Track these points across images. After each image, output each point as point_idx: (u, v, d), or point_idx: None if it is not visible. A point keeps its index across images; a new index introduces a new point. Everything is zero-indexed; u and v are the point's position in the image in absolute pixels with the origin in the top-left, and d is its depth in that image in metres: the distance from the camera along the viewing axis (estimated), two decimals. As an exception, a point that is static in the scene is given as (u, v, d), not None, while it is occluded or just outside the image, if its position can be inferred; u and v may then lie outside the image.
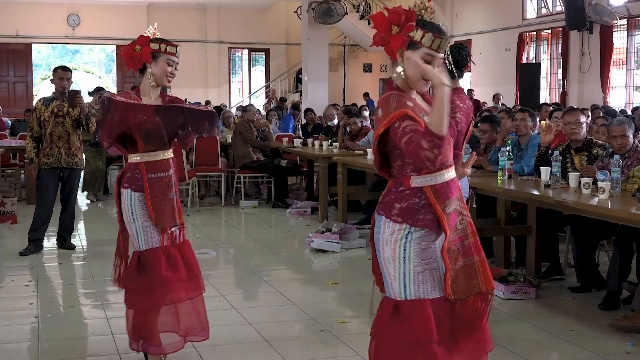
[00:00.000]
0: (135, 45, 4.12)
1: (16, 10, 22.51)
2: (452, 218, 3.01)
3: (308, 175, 11.13)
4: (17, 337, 4.91)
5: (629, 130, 5.74)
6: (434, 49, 2.94)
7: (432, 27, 2.95)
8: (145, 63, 4.11)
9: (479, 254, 3.05)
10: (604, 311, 5.31)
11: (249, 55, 25.98)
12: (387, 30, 2.98)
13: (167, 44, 4.14)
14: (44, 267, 6.89)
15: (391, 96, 2.97)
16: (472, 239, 3.06)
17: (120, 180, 4.13)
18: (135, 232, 4.10)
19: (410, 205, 2.98)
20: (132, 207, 4.08)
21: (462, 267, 3.01)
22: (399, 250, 2.98)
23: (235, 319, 5.21)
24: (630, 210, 4.71)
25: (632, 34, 16.91)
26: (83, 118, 7.22)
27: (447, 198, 2.99)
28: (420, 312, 2.96)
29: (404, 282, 2.99)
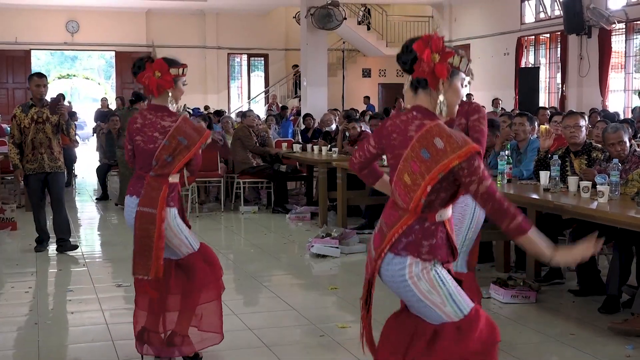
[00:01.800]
0: (155, 71, 4.19)
1: (15, 17, 22.53)
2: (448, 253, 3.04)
3: (307, 181, 11.13)
4: (17, 343, 4.91)
5: (625, 136, 5.74)
6: (468, 74, 2.97)
7: (461, 51, 2.97)
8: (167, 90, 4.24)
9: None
10: (604, 315, 5.31)
11: (248, 60, 26.00)
12: (429, 59, 2.92)
13: (183, 67, 4.30)
14: (43, 274, 6.89)
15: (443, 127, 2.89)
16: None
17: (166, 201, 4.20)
18: (185, 238, 4.31)
19: (438, 241, 2.93)
20: (176, 220, 4.27)
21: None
22: (435, 278, 2.92)
23: (236, 324, 5.20)
24: (630, 214, 4.71)
25: (630, 38, 16.93)
26: (63, 123, 7.42)
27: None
28: (483, 316, 2.97)
29: (453, 301, 2.93)
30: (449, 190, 2.92)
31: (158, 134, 4.17)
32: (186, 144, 4.15)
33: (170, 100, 4.25)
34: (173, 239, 4.24)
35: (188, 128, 4.18)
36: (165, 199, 4.16)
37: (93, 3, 22.27)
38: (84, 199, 12.25)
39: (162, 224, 4.14)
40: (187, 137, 4.15)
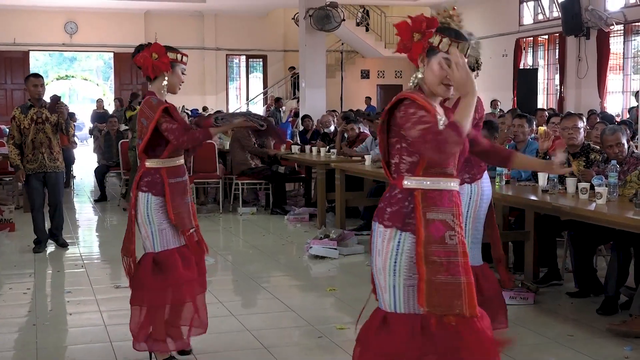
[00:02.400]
0: (152, 53, 4.21)
1: (14, 18, 22.53)
2: (437, 227, 2.88)
3: (306, 182, 11.13)
4: (15, 345, 4.90)
5: (623, 138, 5.75)
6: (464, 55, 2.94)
7: (449, 32, 2.95)
8: (163, 72, 4.21)
9: (466, 276, 2.88)
10: (602, 316, 5.31)
11: (247, 61, 26.00)
12: (409, 38, 2.99)
13: (182, 54, 4.30)
14: (41, 275, 6.88)
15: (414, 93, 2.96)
16: (461, 258, 2.90)
17: (138, 184, 4.22)
18: (151, 233, 4.23)
19: (400, 209, 2.92)
20: (148, 209, 4.20)
21: (443, 283, 2.85)
22: (390, 262, 2.92)
23: (234, 325, 5.20)
24: (628, 215, 4.72)
25: (628, 40, 16.95)
26: (63, 123, 7.48)
27: (435, 205, 2.90)
28: (408, 328, 2.88)
29: (394, 294, 2.93)
30: (411, 152, 2.92)
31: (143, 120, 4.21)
32: (146, 124, 4.15)
33: (164, 87, 4.22)
34: (140, 227, 4.24)
35: (146, 108, 4.17)
36: (136, 183, 4.21)
37: (91, 4, 22.27)
38: (82, 200, 12.25)
39: (132, 209, 4.22)
40: (147, 117, 4.15)
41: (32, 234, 7.83)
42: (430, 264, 2.85)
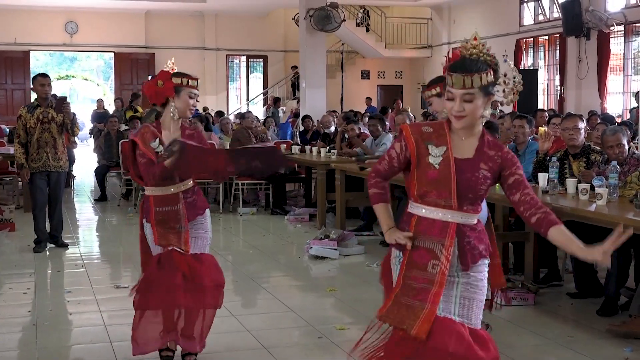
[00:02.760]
0: (157, 81, 4.21)
1: (14, 18, 22.52)
2: (422, 255, 3.01)
3: (306, 182, 11.13)
4: (15, 344, 4.90)
5: (623, 139, 5.75)
6: (449, 85, 2.98)
7: (450, 65, 3.00)
8: (168, 97, 4.20)
9: (433, 304, 2.97)
10: (602, 317, 5.31)
11: (247, 62, 25.99)
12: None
13: (189, 78, 4.26)
14: (42, 275, 6.88)
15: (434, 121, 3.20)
16: (435, 288, 2.98)
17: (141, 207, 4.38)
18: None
19: (401, 230, 3.10)
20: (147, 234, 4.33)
21: (407, 305, 2.99)
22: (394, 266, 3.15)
23: (234, 326, 5.21)
24: (628, 216, 4.72)
25: (628, 40, 16.95)
26: (69, 122, 7.54)
27: (424, 234, 3.02)
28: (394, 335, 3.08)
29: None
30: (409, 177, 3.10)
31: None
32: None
33: (173, 112, 4.21)
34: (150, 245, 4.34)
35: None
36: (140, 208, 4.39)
37: (92, 4, 22.26)
38: (82, 200, 12.25)
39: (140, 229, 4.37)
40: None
41: (32, 233, 7.83)
42: (405, 285, 3.02)
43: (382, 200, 3.16)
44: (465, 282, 3.05)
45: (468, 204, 3.02)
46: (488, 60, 3.01)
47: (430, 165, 3.01)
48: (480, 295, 3.08)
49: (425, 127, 3.09)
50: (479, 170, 3.01)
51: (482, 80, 2.95)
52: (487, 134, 3.11)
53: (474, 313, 3.06)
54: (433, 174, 3.00)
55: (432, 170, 3.00)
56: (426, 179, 3.02)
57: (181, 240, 4.22)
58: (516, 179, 3.06)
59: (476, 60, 2.98)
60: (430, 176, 3.01)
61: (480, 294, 3.08)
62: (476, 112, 2.98)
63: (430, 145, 3.02)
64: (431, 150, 3.02)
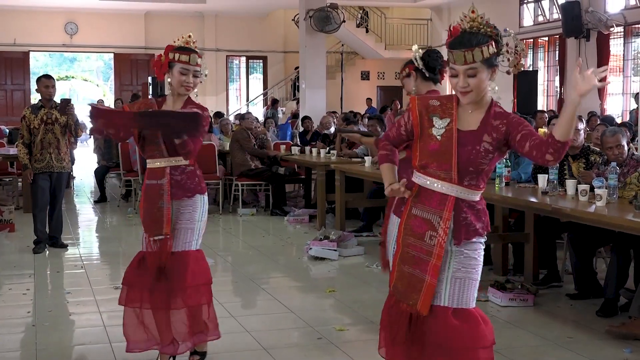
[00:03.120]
0: (161, 55, 4.20)
1: (14, 19, 22.52)
2: (419, 224, 3.05)
3: (306, 183, 11.13)
4: (14, 345, 4.90)
5: (623, 140, 5.75)
6: (451, 62, 3.01)
7: (450, 42, 3.02)
8: (163, 72, 4.18)
9: (431, 278, 3.00)
10: (602, 318, 5.31)
11: (247, 62, 25.99)
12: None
13: (181, 53, 4.16)
14: (41, 275, 6.88)
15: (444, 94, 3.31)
16: (434, 260, 3.00)
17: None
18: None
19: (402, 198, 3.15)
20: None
21: (409, 274, 3.06)
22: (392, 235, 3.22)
23: (233, 326, 5.20)
24: (628, 217, 4.72)
25: (628, 41, 16.96)
26: (72, 124, 7.60)
27: (423, 204, 3.05)
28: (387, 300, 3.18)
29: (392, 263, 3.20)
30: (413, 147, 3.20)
31: None
32: None
33: (170, 87, 4.20)
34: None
35: None
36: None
37: (92, 5, 22.26)
38: (82, 200, 12.25)
39: None
40: None
41: (32, 234, 7.83)
42: (404, 253, 3.07)
43: (388, 161, 3.22)
44: (457, 262, 3.04)
45: (469, 179, 3.02)
46: (488, 31, 3.01)
47: (432, 136, 3.03)
48: (473, 275, 3.07)
49: (432, 100, 3.11)
50: (481, 143, 3.00)
51: (483, 54, 2.97)
52: (495, 105, 3.09)
53: (465, 292, 3.06)
54: (434, 145, 3.02)
55: (434, 141, 3.02)
56: (427, 150, 3.04)
57: (163, 222, 4.12)
58: (523, 133, 2.98)
59: (476, 33, 2.99)
60: (432, 148, 3.03)
61: (474, 273, 3.08)
62: (481, 85, 2.99)
63: (435, 117, 3.05)
64: (435, 122, 3.04)
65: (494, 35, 3.02)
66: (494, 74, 3.04)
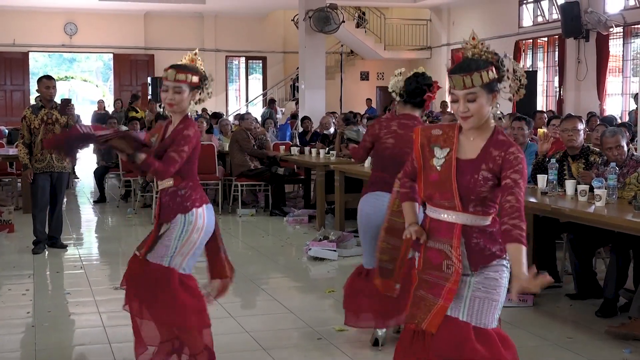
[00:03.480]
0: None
1: (13, 19, 22.51)
2: (435, 255, 3.06)
3: (305, 183, 11.13)
4: (14, 346, 4.90)
5: (622, 140, 5.75)
6: (451, 87, 3.01)
7: (451, 67, 3.03)
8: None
9: (445, 300, 2.99)
10: (601, 318, 5.31)
11: (246, 63, 25.99)
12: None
13: (167, 69, 4.11)
14: (41, 276, 6.88)
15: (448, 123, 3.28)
16: (450, 284, 3.00)
17: None
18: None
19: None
20: None
21: (420, 297, 3.06)
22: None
23: (233, 327, 5.20)
24: (627, 218, 4.72)
25: (628, 42, 16.96)
26: (72, 124, 7.47)
27: (433, 235, 3.08)
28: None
29: None
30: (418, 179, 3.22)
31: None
32: None
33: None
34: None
35: None
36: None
37: (91, 5, 22.25)
38: (81, 201, 12.25)
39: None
40: None
41: (31, 234, 7.82)
42: (420, 280, 3.10)
43: (408, 199, 3.25)
44: (477, 282, 3.02)
45: (474, 206, 3.00)
46: (489, 57, 3.01)
47: (433, 167, 3.05)
48: (494, 295, 3.03)
49: (435, 129, 3.12)
50: (479, 171, 2.98)
51: (482, 78, 2.95)
52: (499, 132, 3.07)
53: (485, 312, 3.02)
54: (434, 176, 3.04)
55: (434, 172, 3.04)
56: (429, 181, 3.06)
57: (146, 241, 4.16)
58: (506, 183, 2.96)
59: (476, 59, 2.99)
60: (432, 178, 3.05)
61: (495, 294, 3.03)
62: (482, 110, 2.98)
63: (436, 147, 3.06)
64: (436, 152, 3.06)
65: (494, 61, 3.02)
66: (494, 99, 3.02)
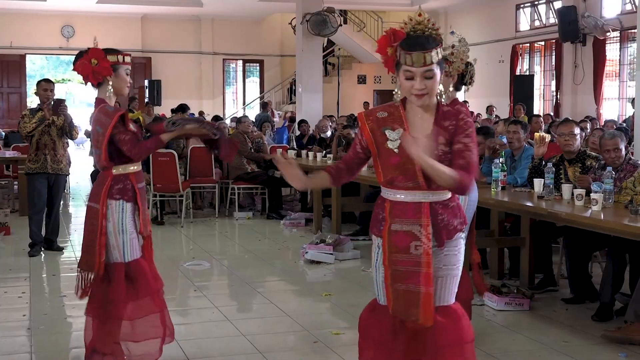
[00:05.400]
0: (91, 59, 4.12)
1: (10, 21, 22.49)
2: (402, 238, 3.01)
3: (302, 187, 11.10)
4: (10, 349, 4.89)
5: (621, 143, 5.76)
6: (408, 64, 2.97)
7: (404, 44, 2.98)
8: (105, 76, 4.14)
9: (426, 287, 2.99)
10: (597, 322, 5.32)
11: (243, 66, 26.00)
12: (386, 53, 3.07)
13: (124, 55, 4.21)
14: (37, 279, 6.87)
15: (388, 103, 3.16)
16: (424, 268, 2.99)
17: (108, 193, 4.09)
18: (122, 243, 4.13)
19: (376, 215, 3.14)
20: (123, 218, 4.12)
21: (403, 291, 3.01)
22: (373, 260, 3.17)
23: (229, 330, 5.20)
24: (623, 222, 4.73)
25: (624, 46, 16.99)
26: (67, 126, 7.63)
27: (399, 217, 3.03)
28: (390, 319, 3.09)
29: (377, 288, 3.15)
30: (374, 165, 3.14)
31: (99, 127, 4.09)
32: (101, 131, 4.04)
33: (110, 91, 4.14)
34: (110, 236, 4.10)
35: (102, 115, 4.07)
36: (106, 193, 4.07)
37: (88, 8, 22.23)
38: (77, 203, 12.22)
39: (103, 219, 4.06)
40: (102, 125, 4.05)
41: (27, 237, 7.80)
42: (393, 272, 3.03)
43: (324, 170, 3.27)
44: (438, 260, 3.04)
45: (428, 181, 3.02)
46: (435, 34, 3.01)
47: (390, 150, 3.01)
48: (455, 271, 3.09)
49: (380, 112, 3.09)
50: (437, 146, 2.99)
51: (438, 55, 2.98)
52: (442, 105, 3.07)
53: (448, 290, 3.08)
54: (395, 159, 3.01)
55: (394, 155, 3.01)
56: (389, 164, 3.03)
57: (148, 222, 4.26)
58: (458, 147, 3.00)
59: (428, 37, 2.98)
60: (393, 162, 3.02)
61: (455, 269, 3.09)
62: (435, 87, 2.99)
63: (387, 130, 3.02)
64: (389, 135, 3.02)
65: (439, 39, 3.02)
66: (442, 75, 3.05)
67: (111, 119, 4.03)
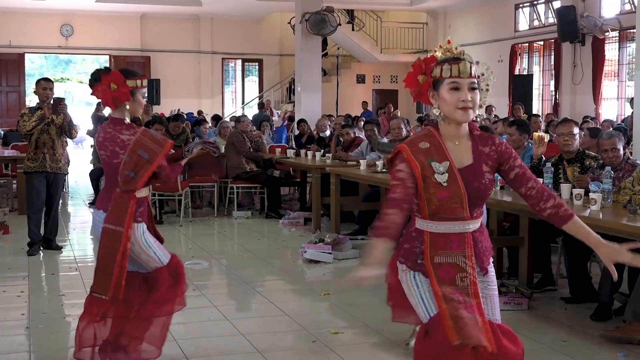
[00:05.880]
0: (110, 84, 4.07)
1: (9, 20, 22.49)
2: (446, 271, 2.91)
3: (301, 186, 11.13)
4: (8, 348, 4.89)
5: (619, 143, 5.77)
6: (454, 75, 2.90)
7: (445, 59, 2.95)
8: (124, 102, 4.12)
9: (481, 316, 2.89)
10: (596, 322, 5.32)
11: (243, 65, 26.01)
12: (417, 84, 2.99)
13: (142, 79, 4.19)
14: (36, 278, 6.87)
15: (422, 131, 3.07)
16: (473, 299, 2.91)
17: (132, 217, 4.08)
18: (154, 253, 4.24)
19: (411, 248, 3.00)
20: (144, 236, 4.20)
21: (467, 317, 2.87)
22: (411, 281, 2.99)
23: (228, 329, 5.20)
24: (622, 221, 4.73)
25: (623, 46, 17.00)
26: (66, 125, 7.61)
27: (442, 249, 2.93)
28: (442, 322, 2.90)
29: (423, 304, 2.96)
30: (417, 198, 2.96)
31: (119, 149, 4.07)
32: (147, 157, 4.02)
33: (127, 113, 4.14)
34: (141, 254, 4.17)
35: (148, 141, 4.05)
36: (132, 216, 4.07)
37: (88, 7, 22.25)
38: (76, 203, 12.23)
39: (127, 243, 4.05)
40: (148, 151, 4.03)
41: (26, 236, 7.80)
42: (449, 301, 2.88)
43: (383, 235, 2.83)
44: (481, 281, 3.00)
45: (477, 209, 2.98)
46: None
47: (438, 184, 2.88)
48: (496, 292, 3.07)
49: (421, 143, 2.95)
50: (483, 175, 2.94)
51: (478, 71, 2.96)
52: (474, 127, 3.02)
53: (496, 309, 3.05)
54: (443, 193, 2.88)
55: (442, 189, 2.88)
56: (437, 198, 2.90)
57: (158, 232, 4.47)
58: (517, 173, 2.99)
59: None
60: (441, 195, 2.89)
61: (496, 290, 3.07)
62: (477, 102, 2.92)
63: (433, 162, 2.90)
64: (435, 167, 2.89)
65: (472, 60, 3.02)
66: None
67: (162, 148, 4.06)
